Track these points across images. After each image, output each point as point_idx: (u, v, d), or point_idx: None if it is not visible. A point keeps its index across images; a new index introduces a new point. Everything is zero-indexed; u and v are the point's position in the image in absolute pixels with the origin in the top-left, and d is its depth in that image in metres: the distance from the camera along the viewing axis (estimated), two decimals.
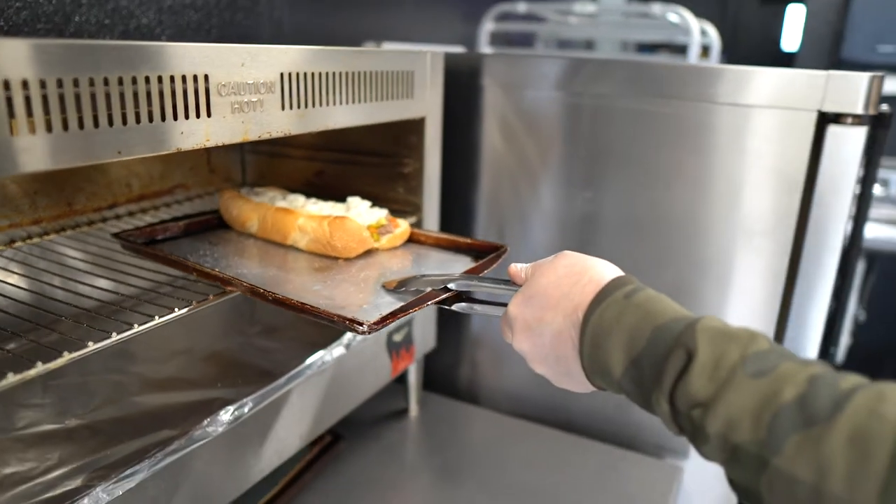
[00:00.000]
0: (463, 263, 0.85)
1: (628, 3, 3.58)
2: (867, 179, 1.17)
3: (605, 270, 0.58)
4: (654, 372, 0.49)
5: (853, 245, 1.29)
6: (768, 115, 0.96)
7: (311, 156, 1.12)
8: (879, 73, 0.93)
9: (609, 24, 2.39)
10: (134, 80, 0.54)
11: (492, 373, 1.26)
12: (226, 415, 0.73)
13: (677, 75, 1.00)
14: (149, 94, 0.55)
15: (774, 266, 1.01)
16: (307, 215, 0.87)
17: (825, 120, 0.94)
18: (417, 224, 1.02)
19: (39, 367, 0.54)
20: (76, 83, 0.50)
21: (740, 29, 4.01)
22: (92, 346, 0.58)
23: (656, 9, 2.05)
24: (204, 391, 0.79)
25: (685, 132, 1.01)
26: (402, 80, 0.89)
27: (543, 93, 1.09)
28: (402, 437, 1.12)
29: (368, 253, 0.88)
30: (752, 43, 3.97)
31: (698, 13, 2.15)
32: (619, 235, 1.09)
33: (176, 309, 0.68)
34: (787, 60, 3.67)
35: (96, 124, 0.52)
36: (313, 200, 0.95)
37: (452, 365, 1.29)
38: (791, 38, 3.77)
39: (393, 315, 0.66)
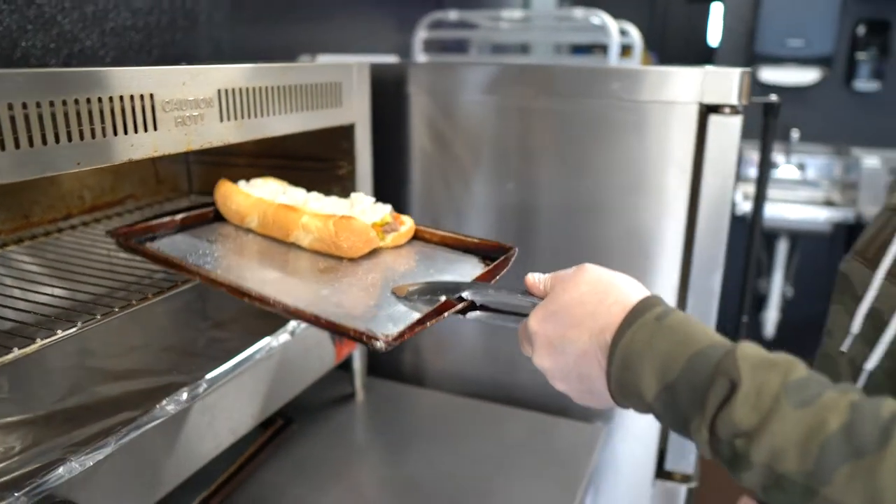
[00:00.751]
0: (471, 265, 0.84)
1: (559, 7, 3.74)
2: (764, 162, 1.32)
3: (630, 289, 0.58)
4: (693, 399, 0.50)
5: (755, 222, 1.44)
6: (659, 109, 1.08)
7: (252, 163, 1.21)
8: (748, 69, 1.06)
9: (539, 29, 2.52)
10: (88, 101, 0.63)
11: (435, 356, 1.37)
12: (183, 395, 0.81)
13: (577, 76, 1.13)
14: (101, 113, 0.64)
15: (677, 243, 1.14)
16: (311, 213, 0.85)
17: (708, 111, 1.07)
18: None
19: (16, 353, 0.62)
20: (38, 105, 0.58)
21: (669, 27, 4.21)
22: (62, 333, 0.67)
23: (578, 13, 2.18)
24: (161, 378, 0.87)
25: (592, 126, 1.13)
26: (330, 90, 0.99)
27: (466, 97, 1.20)
28: (349, 418, 1.21)
29: (373, 252, 0.85)
30: (681, 40, 4.18)
31: (627, 14, 2.29)
32: (548, 222, 1.21)
33: (133, 301, 0.77)
34: (711, 55, 3.87)
35: (57, 140, 0.60)
36: (314, 195, 0.93)
37: (396, 350, 1.38)
38: (714, 34, 3.97)
39: (410, 329, 0.65)
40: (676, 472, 1.24)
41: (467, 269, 0.81)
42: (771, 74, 3.13)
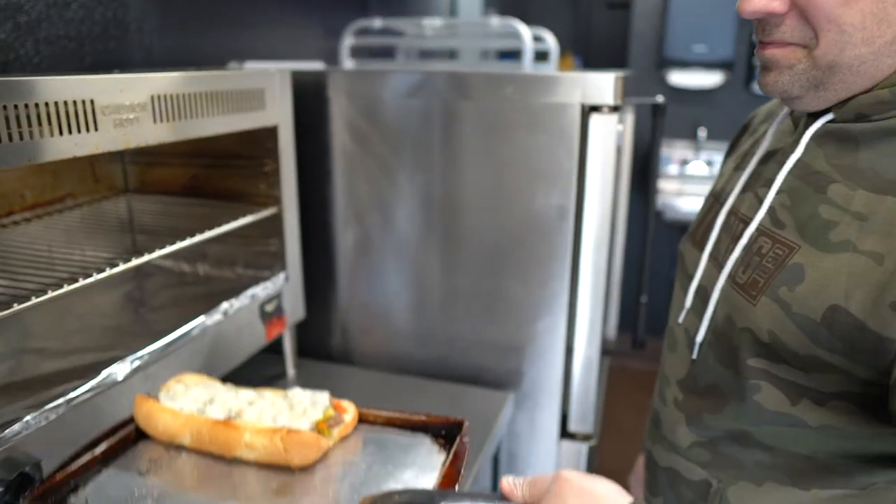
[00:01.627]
0: (426, 447, 0.86)
1: (483, 14, 3.91)
2: (654, 154, 1.49)
3: (615, 499, 0.64)
4: None
5: (648, 210, 1.62)
6: (549, 109, 1.23)
7: (185, 162, 1.31)
8: (622, 73, 1.22)
9: (461, 36, 2.66)
10: (36, 106, 0.73)
11: (360, 336, 1.49)
12: (126, 365, 0.91)
13: (477, 81, 1.27)
14: (48, 116, 0.75)
15: (570, 228, 1.29)
16: (253, 429, 0.82)
17: (590, 109, 1.22)
18: (279, 214, 1.23)
19: None
20: None
21: (593, 33, 4.43)
22: (17, 307, 0.76)
23: (494, 21, 2.33)
24: (104, 353, 0.97)
25: (496, 124, 1.27)
26: (254, 96, 1.11)
27: (381, 100, 1.33)
28: None
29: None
30: (603, 43, 4.40)
31: (553, 21, 2.45)
32: (466, 208, 1.33)
33: (80, 279, 0.87)
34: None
35: (10, 139, 0.71)
36: (247, 396, 0.89)
37: (324, 332, 1.50)
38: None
39: None
40: (579, 432, 1.40)
41: (423, 455, 0.83)
42: (679, 77, 3.37)
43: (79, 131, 0.79)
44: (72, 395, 0.84)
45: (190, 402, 0.87)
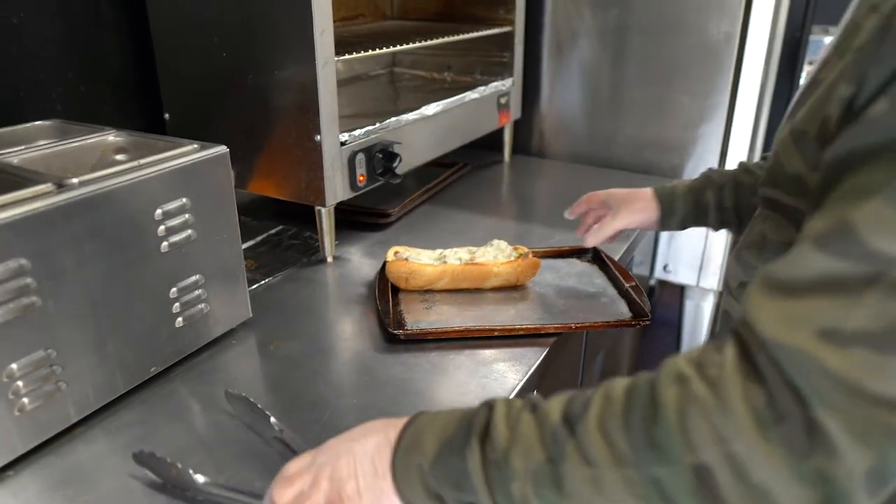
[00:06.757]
0: (579, 265, 1.22)
1: None
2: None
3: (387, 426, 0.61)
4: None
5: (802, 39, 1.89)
6: None
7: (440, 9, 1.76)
8: None
9: None
10: None
11: (553, 136, 1.92)
12: (432, 107, 1.41)
13: None
14: None
15: (734, 50, 1.64)
16: (497, 264, 1.09)
17: None
18: (512, 32, 1.67)
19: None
20: None
21: None
22: (346, 56, 1.25)
23: None
24: (416, 104, 1.46)
25: None
26: None
27: None
28: (500, 170, 1.82)
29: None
30: None
31: None
32: (646, 35, 1.72)
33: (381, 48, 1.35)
34: None
35: None
36: (460, 251, 1.13)
37: (527, 134, 1.95)
38: None
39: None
40: None
41: (581, 267, 1.20)
42: None
43: None
44: (405, 116, 1.34)
45: (429, 260, 1.11)
